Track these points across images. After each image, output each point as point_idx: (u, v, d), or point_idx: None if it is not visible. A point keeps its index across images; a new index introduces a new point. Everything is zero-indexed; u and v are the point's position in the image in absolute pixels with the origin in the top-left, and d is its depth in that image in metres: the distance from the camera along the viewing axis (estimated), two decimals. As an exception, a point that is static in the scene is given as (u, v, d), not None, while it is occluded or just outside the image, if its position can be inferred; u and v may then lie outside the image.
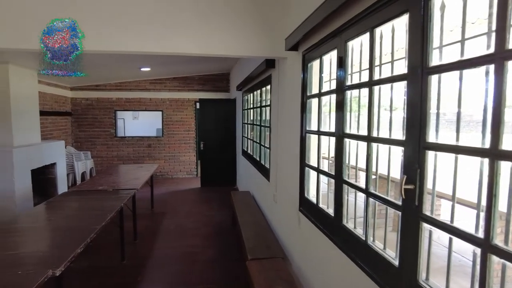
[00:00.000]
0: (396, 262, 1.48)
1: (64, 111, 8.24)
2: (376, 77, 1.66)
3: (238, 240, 4.42)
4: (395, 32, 1.57)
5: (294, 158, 2.87)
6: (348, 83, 1.96)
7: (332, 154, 2.32)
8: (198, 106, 8.70)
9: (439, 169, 1.32)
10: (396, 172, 1.64)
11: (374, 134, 1.68)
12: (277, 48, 3.09)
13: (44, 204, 3.52)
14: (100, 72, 7.25)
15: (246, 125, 6.18)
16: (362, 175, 2.06)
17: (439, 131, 1.29)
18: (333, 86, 2.28)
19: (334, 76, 2.30)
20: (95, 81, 8.43)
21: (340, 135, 2.01)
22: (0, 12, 2.70)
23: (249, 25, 3.05)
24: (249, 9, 3.04)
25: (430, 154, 1.29)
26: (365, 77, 1.83)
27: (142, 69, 7.22)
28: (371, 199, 1.73)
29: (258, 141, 4.82)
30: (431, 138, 1.28)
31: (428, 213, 1.29)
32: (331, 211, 2.27)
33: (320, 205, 2.43)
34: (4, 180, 4.88)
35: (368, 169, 1.72)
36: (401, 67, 1.47)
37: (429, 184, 1.34)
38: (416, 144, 1.32)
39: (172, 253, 4.07)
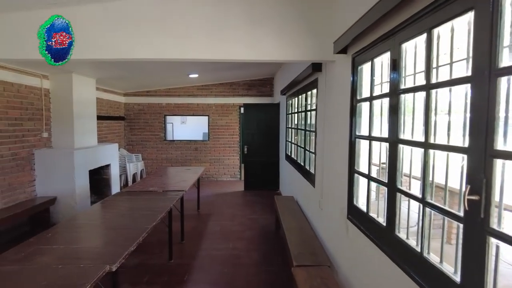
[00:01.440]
0: (457, 279, 1.37)
1: (118, 116, 8.80)
2: (433, 80, 1.57)
3: (282, 245, 4.40)
4: (454, 32, 1.47)
5: (342, 164, 2.80)
6: (403, 86, 1.87)
7: (383, 160, 2.23)
8: (242, 111, 8.84)
9: (507, 179, 1.21)
10: (453, 181, 1.53)
11: (432, 140, 1.58)
12: (325, 51, 3.05)
13: (100, 203, 3.77)
14: (152, 79, 7.66)
15: (290, 129, 6.15)
16: (414, 183, 1.96)
17: (508, 138, 1.19)
18: (385, 90, 2.21)
19: (385, 79, 2.22)
20: (146, 88, 8.92)
21: (394, 141, 1.92)
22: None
23: (296, 30, 3.04)
24: (296, 14, 3.04)
25: (498, 163, 1.18)
26: (420, 80, 1.74)
27: (191, 76, 7.49)
28: (427, 209, 1.63)
29: (302, 146, 4.78)
30: (499, 145, 1.18)
31: (495, 226, 1.19)
32: (381, 220, 2.18)
33: (370, 213, 2.34)
34: (67, 179, 5.32)
35: (425, 177, 1.62)
36: (461, 69, 1.38)
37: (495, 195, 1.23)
38: (482, 152, 1.22)
39: (217, 254, 4.15)
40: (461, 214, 1.34)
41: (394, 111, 1.92)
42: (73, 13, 2.96)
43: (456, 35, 1.47)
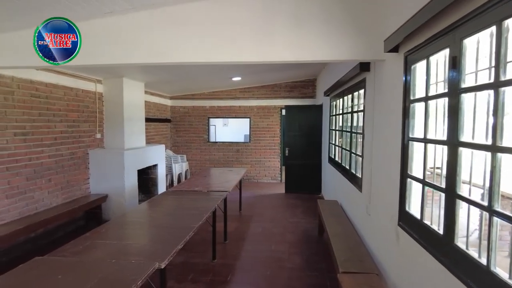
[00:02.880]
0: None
1: (165, 118, 9.16)
2: (502, 77, 1.43)
3: (326, 251, 4.29)
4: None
5: (393, 168, 2.66)
6: (464, 85, 1.73)
7: (438, 164, 2.09)
8: (283, 113, 8.81)
9: None
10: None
11: (501, 143, 1.44)
12: (374, 50, 2.93)
13: (147, 202, 3.93)
14: (196, 83, 7.88)
15: (333, 131, 6.00)
16: (473, 190, 1.80)
17: None
18: (440, 89, 2.07)
19: (441, 78, 2.08)
20: (191, 91, 9.21)
21: (453, 144, 1.79)
22: (116, 33, 3.13)
23: (344, 28, 2.95)
24: (344, 12, 2.95)
25: None
26: (483, 78, 1.60)
27: (233, 79, 7.61)
28: (495, 218, 1.48)
29: (348, 149, 4.63)
30: None
31: None
32: (435, 227, 2.03)
33: (425, 220, 2.19)
34: (117, 178, 5.62)
35: (492, 183, 1.48)
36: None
37: None
38: None
39: (260, 256, 4.14)
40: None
41: (454, 112, 1.78)
42: (123, 20, 3.11)
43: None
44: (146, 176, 6.92)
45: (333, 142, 6.02)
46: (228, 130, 12.41)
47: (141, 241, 2.77)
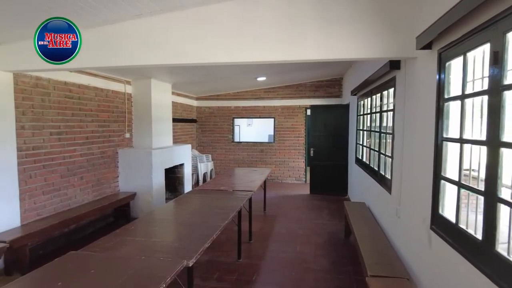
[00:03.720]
0: None
1: (191, 118, 9.31)
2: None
3: (352, 253, 4.20)
4: None
5: (425, 169, 2.56)
6: (506, 82, 1.63)
7: (474, 166, 1.98)
8: (309, 113, 8.72)
9: None
10: None
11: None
12: (405, 47, 2.82)
13: (174, 200, 3.99)
14: (222, 83, 7.95)
15: (361, 131, 5.87)
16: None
17: None
18: (478, 87, 1.96)
19: (479, 75, 1.97)
20: (216, 92, 9.31)
21: (494, 144, 1.69)
22: (145, 35, 3.20)
23: (373, 26, 2.87)
24: (373, 9, 2.86)
25: None
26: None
27: (258, 79, 7.61)
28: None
29: (376, 149, 4.51)
30: None
31: None
32: (471, 231, 1.93)
33: (460, 224, 2.09)
34: (145, 177, 5.76)
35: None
36: None
37: None
38: None
39: (285, 257, 4.11)
40: None
41: (495, 110, 1.68)
42: (153, 22, 3.18)
43: None
44: (173, 175, 7.05)
45: (361, 143, 5.88)
46: (252, 130, 12.45)
47: (169, 238, 2.81)
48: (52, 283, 1.86)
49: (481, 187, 1.84)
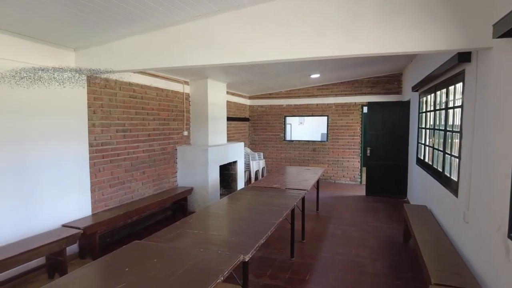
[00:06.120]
0: None
1: (244, 117, 9.48)
2: None
3: (412, 259, 3.96)
4: None
5: (501, 171, 2.31)
6: None
7: None
8: (364, 110, 8.38)
9: None
10: None
11: None
12: (477, 37, 2.57)
13: (229, 196, 4.08)
14: (275, 82, 7.96)
15: (423, 130, 5.49)
16: None
17: None
18: None
19: None
20: (269, 90, 9.35)
21: None
22: (203, 35, 3.30)
23: (438, 15, 2.65)
24: (440, -3, 2.65)
25: None
26: None
27: (312, 76, 7.49)
28: None
29: (440, 149, 4.19)
30: None
31: None
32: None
33: (545, 234, 1.86)
34: (202, 173, 5.99)
35: None
36: None
37: None
38: None
39: (339, 259, 4.00)
40: None
41: None
42: (211, 23, 3.28)
43: None
44: (226, 172, 7.25)
45: (423, 142, 5.51)
46: (304, 129, 12.33)
47: (225, 232, 2.88)
48: (120, 268, 2.01)
49: None
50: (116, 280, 1.86)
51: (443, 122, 4.11)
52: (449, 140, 3.86)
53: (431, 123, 4.85)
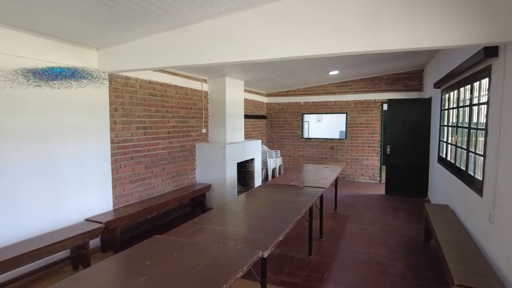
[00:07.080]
0: None
1: (261, 115, 9.48)
2: None
3: (433, 259, 3.88)
4: None
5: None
6: None
7: None
8: (385, 107, 8.22)
9: None
10: None
11: None
12: (506, 30, 2.48)
13: (246, 193, 4.11)
14: (292, 79, 7.93)
15: (445, 127, 5.35)
16: None
17: None
18: None
19: None
20: (286, 88, 9.31)
21: None
22: (223, 33, 3.32)
23: (463, 8, 2.57)
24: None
25: None
26: None
27: (331, 73, 7.41)
28: None
29: (464, 147, 4.06)
30: None
31: None
32: None
33: None
34: (220, 170, 6.05)
35: None
36: None
37: None
38: None
39: (358, 258, 3.96)
40: None
41: None
42: (230, 20, 3.29)
43: None
44: (244, 169, 7.29)
45: (445, 140, 5.36)
46: (322, 126, 12.22)
47: (243, 229, 2.90)
48: (142, 262, 2.07)
49: None
50: (138, 273, 1.92)
51: (467, 120, 3.98)
52: (473, 138, 3.74)
53: (454, 120, 4.72)
